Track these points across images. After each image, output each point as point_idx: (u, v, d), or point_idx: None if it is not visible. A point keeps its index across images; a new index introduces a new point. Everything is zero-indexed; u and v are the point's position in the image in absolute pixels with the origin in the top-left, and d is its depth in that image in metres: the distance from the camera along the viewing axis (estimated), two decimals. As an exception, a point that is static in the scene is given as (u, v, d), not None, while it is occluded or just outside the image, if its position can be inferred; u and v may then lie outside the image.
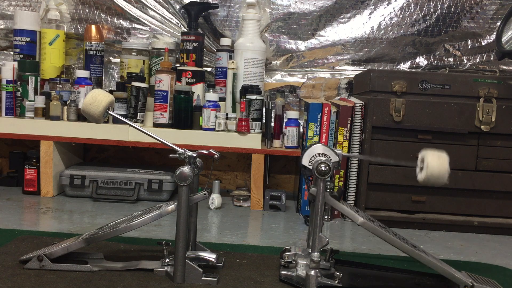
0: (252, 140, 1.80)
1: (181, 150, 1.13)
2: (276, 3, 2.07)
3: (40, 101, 1.82)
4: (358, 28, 2.08)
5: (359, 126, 1.70)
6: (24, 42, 1.94)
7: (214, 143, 1.80)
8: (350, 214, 1.12)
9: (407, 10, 2.06)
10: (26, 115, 1.83)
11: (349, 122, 1.73)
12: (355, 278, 1.17)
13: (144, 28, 2.10)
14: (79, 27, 2.09)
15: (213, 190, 1.82)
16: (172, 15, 2.09)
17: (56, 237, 1.34)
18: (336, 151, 1.12)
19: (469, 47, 2.07)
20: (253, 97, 1.82)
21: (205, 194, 1.13)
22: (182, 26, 2.09)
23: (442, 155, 1.07)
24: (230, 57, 1.97)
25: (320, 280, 1.08)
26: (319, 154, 1.11)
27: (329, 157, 1.11)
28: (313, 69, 2.11)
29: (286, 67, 2.11)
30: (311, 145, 1.13)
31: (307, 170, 1.12)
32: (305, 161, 1.12)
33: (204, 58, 2.06)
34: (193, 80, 1.89)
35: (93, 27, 1.97)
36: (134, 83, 1.84)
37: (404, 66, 2.09)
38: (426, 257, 1.09)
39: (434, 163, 1.05)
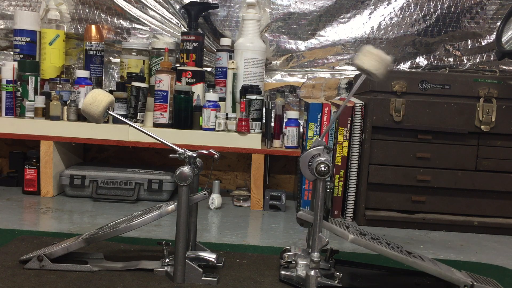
0: (252, 140, 1.80)
1: (181, 150, 1.13)
2: (276, 3, 2.07)
3: (40, 101, 1.82)
4: (358, 28, 2.08)
5: (359, 126, 1.70)
6: (24, 42, 1.94)
7: (214, 143, 1.80)
8: (339, 232, 1.11)
9: (407, 10, 2.06)
10: (26, 115, 1.83)
11: (349, 122, 1.73)
12: (355, 278, 1.17)
13: (144, 28, 2.10)
14: (79, 27, 2.09)
15: (213, 190, 1.82)
16: (172, 15, 2.09)
17: (56, 237, 1.34)
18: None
19: (469, 47, 2.07)
20: (253, 97, 1.82)
21: (205, 194, 1.13)
22: (182, 26, 2.09)
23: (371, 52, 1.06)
24: (230, 57, 1.97)
25: (320, 280, 1.08)
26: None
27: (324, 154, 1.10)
28: (313, 69, 2.11)
29: (286, 67, 2.11)
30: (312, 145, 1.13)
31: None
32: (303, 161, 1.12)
33: (204, 58, 2.06)
34: (193, 80, 1.89)
35: (93, 27, 1.97)
36: (134, 83, 1.84)
37: (404, 66, 2.09)
38: (422, 263, 1.09)
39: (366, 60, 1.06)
